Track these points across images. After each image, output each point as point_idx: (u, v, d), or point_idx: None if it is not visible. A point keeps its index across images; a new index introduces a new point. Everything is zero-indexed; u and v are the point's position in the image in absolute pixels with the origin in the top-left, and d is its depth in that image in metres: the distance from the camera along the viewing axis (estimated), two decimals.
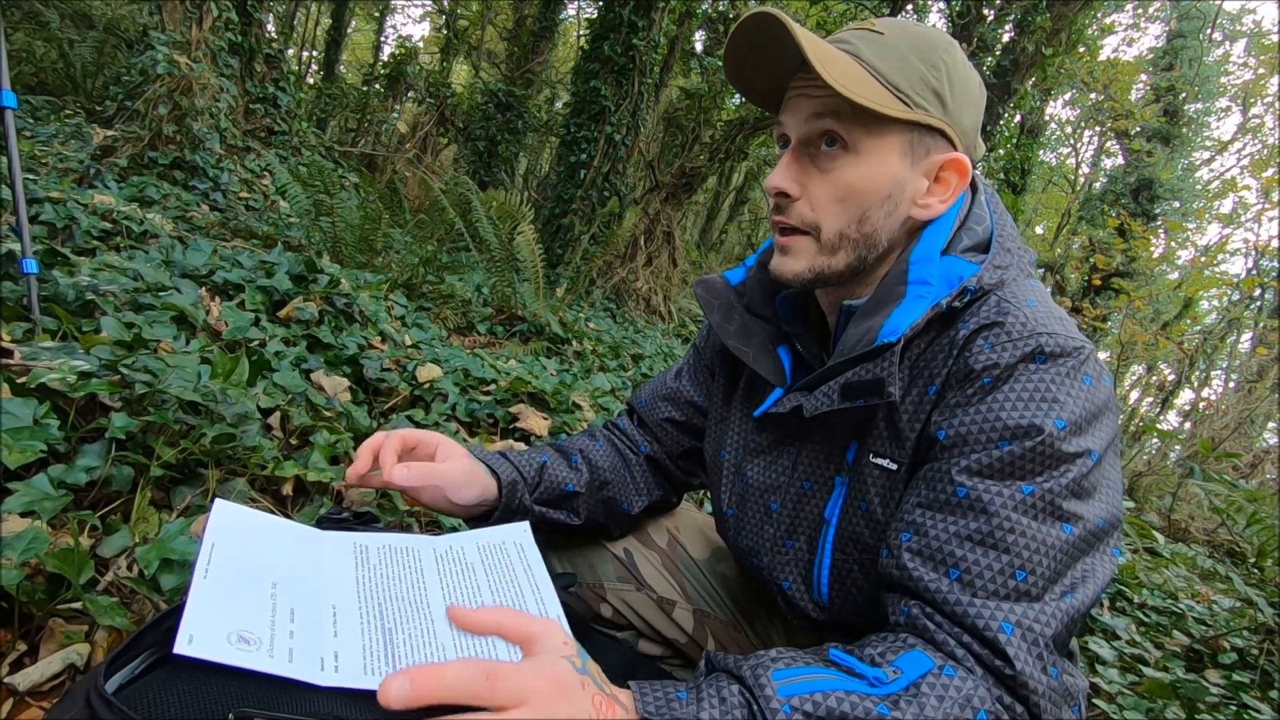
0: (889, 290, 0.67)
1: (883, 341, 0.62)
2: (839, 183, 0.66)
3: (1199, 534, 3.81)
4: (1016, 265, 0.67)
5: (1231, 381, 11.40)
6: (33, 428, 1.07)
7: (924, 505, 0.61)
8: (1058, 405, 0.57)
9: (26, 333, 1.45)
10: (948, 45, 0.67)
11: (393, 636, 0.60)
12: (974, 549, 0.57)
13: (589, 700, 0.49)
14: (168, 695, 0.49)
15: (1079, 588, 0.56)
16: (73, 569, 0.88)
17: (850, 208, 0.66)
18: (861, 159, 0.65)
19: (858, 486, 0.69)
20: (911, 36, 0.66)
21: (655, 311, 6.70)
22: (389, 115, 9.53)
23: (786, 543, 0.75)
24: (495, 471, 0.82)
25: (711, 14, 8.46)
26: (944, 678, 0.52)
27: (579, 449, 0.92)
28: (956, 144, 0.67)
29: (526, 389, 2.20)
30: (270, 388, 1.59)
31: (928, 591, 0.58)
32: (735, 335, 0.78)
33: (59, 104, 5.46)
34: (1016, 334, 0.60)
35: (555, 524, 0.88)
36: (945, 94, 0.65)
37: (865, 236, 0.67)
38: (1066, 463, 0.57)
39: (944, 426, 0.61)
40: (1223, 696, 1.53)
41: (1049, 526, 0.56)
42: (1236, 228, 14.20)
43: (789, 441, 0.76)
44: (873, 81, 0.63)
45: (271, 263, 2.27)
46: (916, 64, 0.64)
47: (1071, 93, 11.67)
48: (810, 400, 0.67)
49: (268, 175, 4.86)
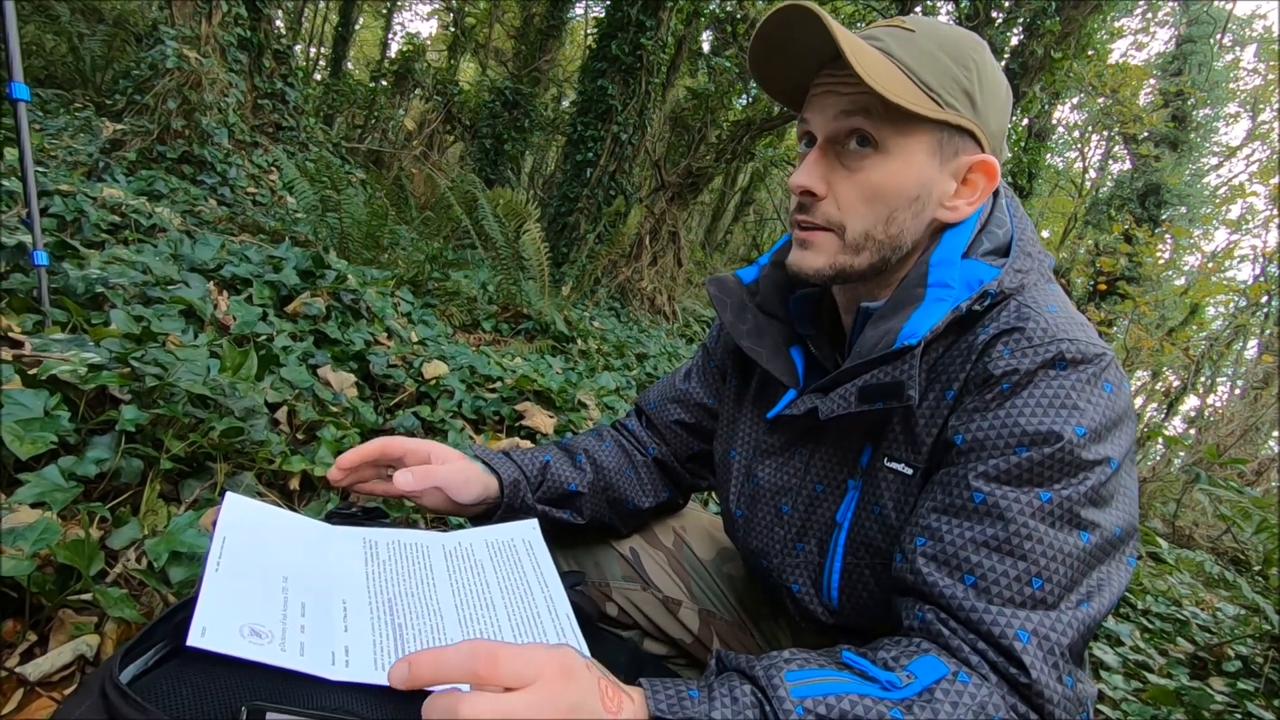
0: (908, 292, 0.66)
1: (902, 344, 0.61)
2: (866, 183, 0.65)
3: (1203, 540, 3.80)
4: (1037, 270, 0.67)
5: (1237, 388, 11.35)
6: (44, 419, 1.07)
7: (940, 510, 0.60)
8: (1078, 412, 0.57)
9: (37, 324, 1.46)
10: (978, 45, 0.66)
11: (403, 632, 0.60)
12: (990, 555, 0.56)
13: (595, 683, 0.49)
14: (181, 687, 0.49)
15: (1095, 596, 0.56)
16: (83, 560, 0.89)
17: (877, 208, 0.65)
18: (890, 158, 0.64)
19: (871, 490, 0.68)
20: (943, 35, 0.65)
21: (660, 311, 6.70)
22: (396, 112, 9.54)
23: (797, 545, 0.75)
24: (496, 470, 0.83)
25: (719, 14, 8.44)
26: (958, 684, 0.52)
27: (584, 449, 0.92)
28: (984, 145, 0.66)
29: (532, 387, 2.20)
30: (278, 382, 1.59)
31: (942, 597, 0.57)
32: (748, 335, 0.78)
33: (69, 97, 5.48)
34: (1037, 339, 0.59)
35: (559, 523, 0.88)
36: (975, 94, 0.64)
37: (891, 238, 0.67)
38: (1085, 470, 0.56)
39: (961, 431, 0.60)
40: (1227, 704, 1.53)
41: (1066, 534, 0.55)
42: (1244, 234, 14.14)
43: (802, 443, 0.75)
44: (904, 79, 0.62)
45: (279, 258, 2.28)
46: (948, 63, 0.63)
47: (1079, 96, 11.62)
48: (826, 403, 0.67)
49: (275, 170, 4.87)
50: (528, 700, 0.45)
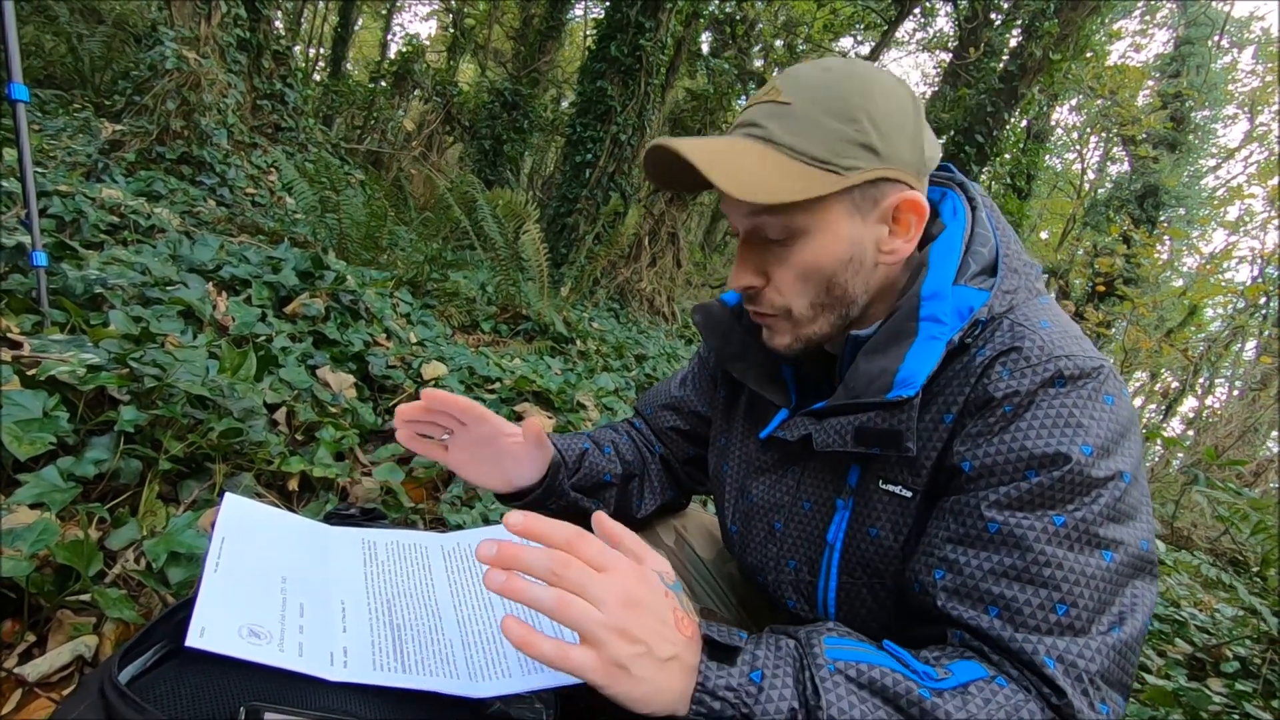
0: (900, 324, 0.64)
1: (899, 395, 0.60)
2: (798, 264, 0.65)
3: (1201, 542, 3.80)
4: (1025, 286, 0.66)
5: (1236, 389, 11.37)
6: (42, 420, 1.07)
7: (955, 540, 0.59)
8: (1083, 430, 0.56)
9: (36, 325, 1.46)
10: (862, 88, 0.61)
11: (401, 633, 0.60)
12: (1011, 585, 0.55)
13: (663, 593, 0.53)
14: (180, 688, 0.50)
15: (1128, 618, 0.54)
16: (82, 561, 0.89)
17: (816, 282, 0.65)
18: (811, 237, 0.63)
19: (864, 512, 0.68)
20: (822, 95, 0.61)
21: (659, 312, 6.71)
22: (395, 113, 9.55)
23: (789, 563, 0.75)
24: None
25: (719, 15, 8.46)
26: (995, 685, 0.52)
27: (610, 441, 0.93)
28: (903, 179, 0.64)
29: (531, 388, 2.21)
30: (277, 383, 1.59)
31: (970, 628, 0.57)
32: (736, 358, 0.78)
33: (68, 98, 5.48)
34: (1035, 359, 0.59)
35: (581, 513, 0.88)
36: (874, 142, 0.61)
37: (838, 300, 0.66)
38: (1098, 488, 0.56)
39: (969, 458, 0.60)
40: (1225, 705, 1.53)
41: (1087, 556, 0.55)
42: (1243, 235, 14.16)
43: (794, 462, 0.75)
44: (793, 165, 0.61)
45: (278, 258, 2.28)
46: (835, 125, 0.60)
47: (1078, 98, 11.64)
48: (821, 435, 0.67)
49: (274, 171, 4.87)
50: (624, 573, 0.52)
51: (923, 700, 0.51)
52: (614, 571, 0.51)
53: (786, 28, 10.71)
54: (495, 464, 0.79)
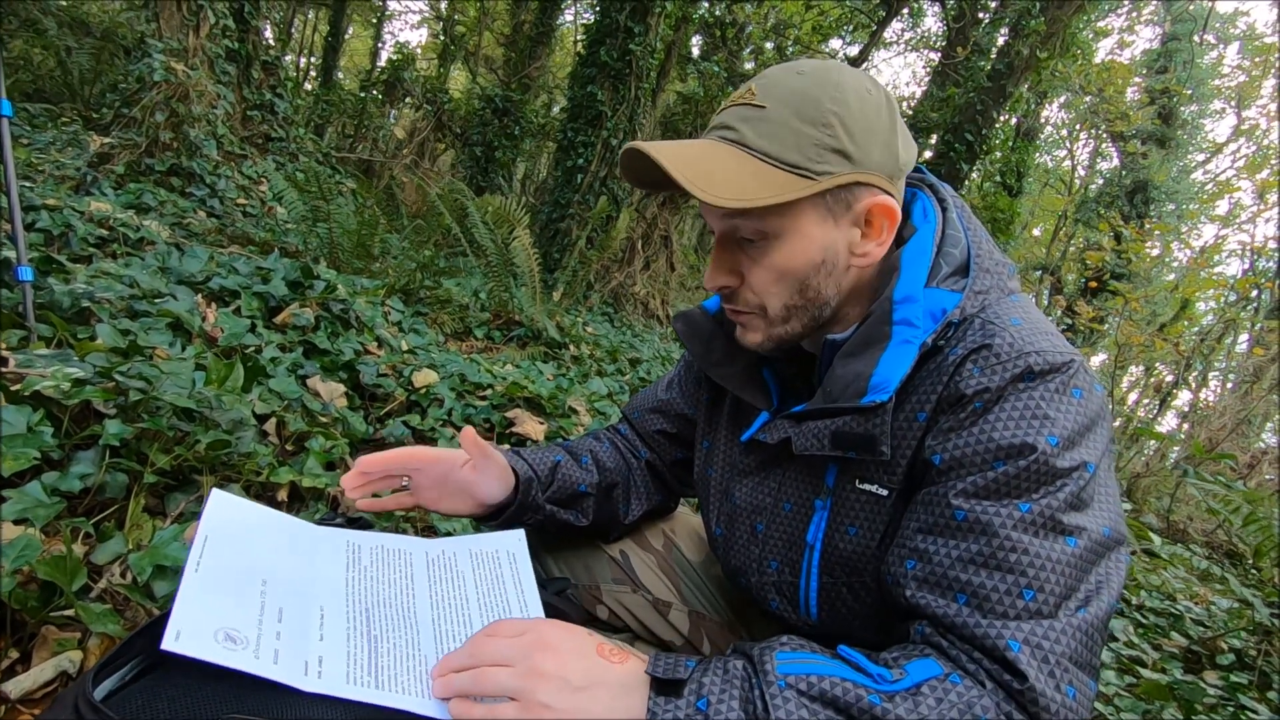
0: (874, 329, 0.65)
1: (872, 400, 0.61)
2: (771, 266, 0.66)
3: (1197, 535, 3.81)
4: (996, 286, 0.67)
5: (1229, 383, 11.42)
6: (26, 435, 1.06)
7: (924, 530, 0.61)
8: (1049, 422, 0.57)
9: (21, 340, 1.45)
10: (834, 92, 0.62)
11: (378, 645, 0.60)
12: (979, 572, 0.56)
13: (584, 634, 0.58)
14: (155, 701, 0.49)
15: (1093, 600, 0.56)
16: (65, 576, 0.88)
17: (789, 284, 0.66)
18: (784, 240, 0.64)
19: (841, 511, 0.68)
20: (795, 99, 0.62)
21: (653, 315, 6.71)
22: (386, 121, 9.55)
23: (771, 564, 0.75)
24: (513, 468, 0.84)
25: (708, 19, 8.49)
26: (948, 683, 0.53)
27: (588, 450, 0.93)
28: (876, 182, 0.64)
29: (523, 394, 2.20)
30: (266, 394, 1.59)
31: (936, 617, 0.58)
32: (717, 364, 0.79)
33: (56, 111, 5.47)
34: (1005, 355, 0.60)
35: (563, 525, 0.88)
36: (846, 147, 0.62)
37: (811, 301, 0.68)
38: (1062, 478, 0.57)
39: (939, 451, 0.61)
40: (1220, 698, 1.53)
41: (1052, 542, 0.56)
42: (1232, 229, 14.25)
43: (775, 464, 0.76)
44: (766, 169, 0.61)
45: (268, 269, 2.27)
46: (807, 130, 0.61)
47: (1066, 96, 11.71)
48: (800, 438, 0.67)
49: (265, 181, 4.86)
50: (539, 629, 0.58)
51: (873, 707, 0.51)
52: (529, 631, 0.57)
53: (776, 30, 10.76)
54: (462, 492, 0.81)
